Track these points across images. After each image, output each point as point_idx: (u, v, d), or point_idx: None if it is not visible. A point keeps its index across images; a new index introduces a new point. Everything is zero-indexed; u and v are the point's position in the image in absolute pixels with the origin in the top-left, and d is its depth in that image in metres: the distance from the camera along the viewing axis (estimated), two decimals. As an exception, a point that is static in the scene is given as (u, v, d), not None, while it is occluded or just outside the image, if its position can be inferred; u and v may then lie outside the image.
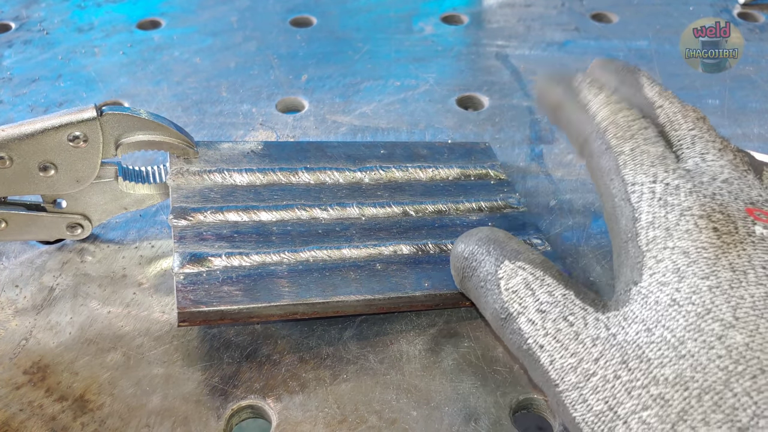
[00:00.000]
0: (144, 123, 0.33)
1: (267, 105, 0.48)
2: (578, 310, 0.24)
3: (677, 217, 0.24)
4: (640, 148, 0.26)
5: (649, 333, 0.22)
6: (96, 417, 0.29)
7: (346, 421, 0.29)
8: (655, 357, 0.21)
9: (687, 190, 0.25)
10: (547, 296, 0.24)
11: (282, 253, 0.32)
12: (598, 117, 0.28)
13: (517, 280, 0.25)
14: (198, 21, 0.57)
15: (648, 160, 0.26)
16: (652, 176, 0.25)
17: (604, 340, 0.23)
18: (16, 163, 0.31)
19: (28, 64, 0.51)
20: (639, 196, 0.25)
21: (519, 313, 0.25)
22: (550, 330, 0.24)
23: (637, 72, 0.31)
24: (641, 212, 0.25)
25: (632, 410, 0.21)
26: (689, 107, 0.29)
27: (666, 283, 0.23)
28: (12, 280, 0.35)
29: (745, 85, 0.50)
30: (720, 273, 0.22)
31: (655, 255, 0.23)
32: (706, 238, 0.23)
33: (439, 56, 0.54)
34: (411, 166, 0.38)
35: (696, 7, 0.60)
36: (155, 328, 0.32)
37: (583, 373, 0.22)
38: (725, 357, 0.20)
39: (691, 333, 0.21)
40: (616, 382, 0.22)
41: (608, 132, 0.27)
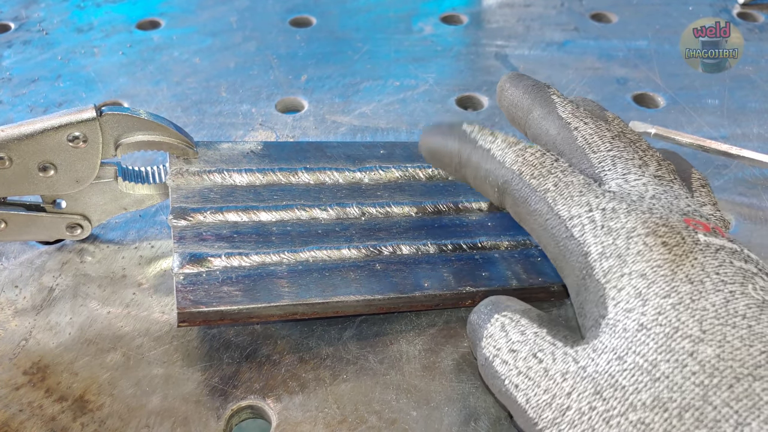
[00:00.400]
0: (144, 123, 0.33)
1: (266, 105, 0.48)
2: (547, 345, 0.24)
3: (625, 241, 0.24)
4: (562, 181, 0.26)
5: (620, 361, 0.22)
6: (96, 417, 0.29)
7: (346, 421, 0.29)
8: (630, 384, 0.21)
9: (625, 211, 0.25)
10: (519, 335, 0.25)
11: (282, 254, 0.32)
12: (507, 161, 0.27)
13: (495, 326, 0.26)
14: (197, 21, 0.57)
15: (576, 191, 0.25)
16: (586, 205, 0.25)
17: (573, 374, 0.23)
18: (15, 164, 0.31)
19: (28, 65, 0.51)
20: (581, 229, 0.25)
21: (494, 355, 0.25)
22: (521, 368, 0.24)
23: (547, 90, 0.30)
24: (589, 245, 0.24)
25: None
26: (604, 126, 0.29)
27: (631, 309, 0.23)
28: (12, 281, 0.35)
29: (744, 85, 0.50)
30: (679, 288, 0.22)
31: (615, 284, 0.23)
32: (658, 256, 0.23)
33: (439, 56, 0.54)
34: (411, 166, 0.38)
35: (696, 7, 0.60)
36: (155, 328, 0.32)
37: (558, 408, 0.22)
38: (699, 372, 0.20)
39: (663, 354, 0.21)
40: (592, 413, 0.22)
41: (524, 174, 0.26)
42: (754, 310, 0.22)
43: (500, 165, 0.27)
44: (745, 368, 0.20)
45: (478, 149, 0.28)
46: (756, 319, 0.21)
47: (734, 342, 0.21)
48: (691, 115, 0.47)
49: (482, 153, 0.28)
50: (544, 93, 0.30)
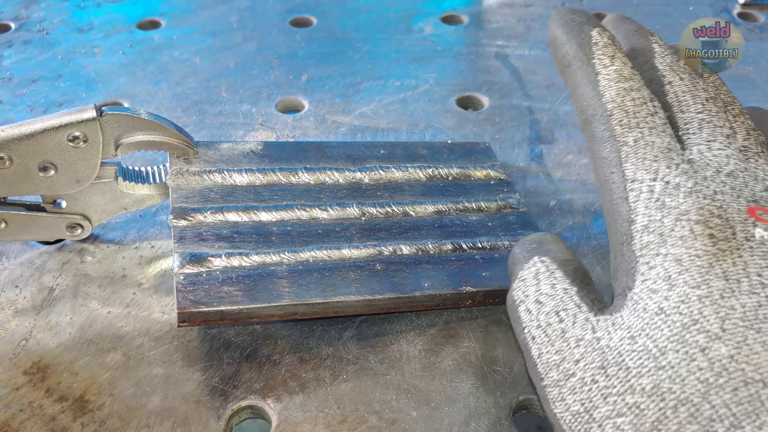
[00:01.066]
0: (144, 123, 0.33)
1: (267, 105, 0.48)
2: (572, 306, 0.24)
3: (673, 222, 0.23)
4: (644, 139, 0.25)
5: (632, 341, 0.22)
6: (96, 417, 0.29)
7: (346, 421, 0.29)
8: (634, 366, 0.21)
9: (687, 190, 0.24)
10: (549, 288, 0.24)
11: (282, 254, 0.32)
12: (606, 96, 0.26)
13: (530, 271, 0.25)
14: (198, 21, 0.57)
15: (651, 154, 0.25)
16: (653, 172, 0.24)
17: (587, 343, 0.22)
18: (15, 164, 0.31)
19: (28, 65, 0.51)
20: (637, 195, 0.24)
21: (521, 301, 0.25)
22: (542, 322, 0.24)
23: (650, 38, 0.29)
24: (637, 214, 0.24)
25: (607, 415, 0.21)
26: (700, 84, 0.27)
27: (656, 291, 0.22)
28: (12, 281, 0.35)
29: (745, 85, 0.50)
30: (712, 282, 0.22)
31: (648, 261, 0.23)
32: (701, 245, 0.22)
33: (439, 56, 0.54)
34: (411, 166, 0.38)
35: (696, 7, 0.60)
36: (155, 328, 0.32)
37: (564, 372, 0.22)
38: (706, 369, 0.20)
39: (674, 344, 0.21)
40: (593, 386, 0.22)
41: (613, 117, 0.26)
42: None
43: (598, 96, 0.26)
44: (758, 374, 0.20)
45: (589, 67, 0.27)
46: None
47: (754, 346, 0.20)
48: (691, 115, 0.47)
49: (590, 73, 0.27)
50: (646, 40, 0.29)
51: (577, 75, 0.28)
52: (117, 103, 0.48)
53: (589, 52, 0.27)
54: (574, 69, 0.28)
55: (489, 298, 0.32)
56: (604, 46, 0.28)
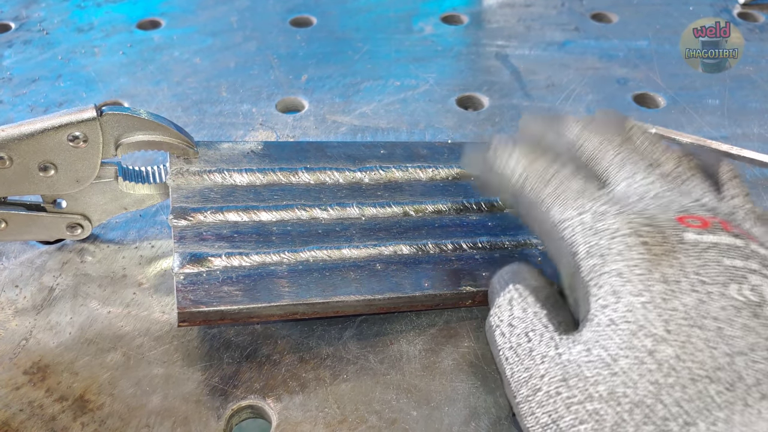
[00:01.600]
0: (144, 123, 0.33)
1: (267, 105, 0.48)
2: (540, 327, 0.25)
3: (608, 242, 0.25)
4: (560, 187, 0.27)
5: (587, 353, 0.23)
6: (96, 417, 0.29)
7: (346, 421, 0.29)
8: (591, 375, 0.22)
9: (615, 212, 0.26)
10: (521, 312, 0.26)
11: (282, 253, 0.32)
12: (516, 174, 0.29)
13: (505, 298, 0.27)
14: (198, 21, 0.57)
15: (571, 196, 0.27)
16: (578, 208, 0.26)
17: (550, 359, 0.24)
18: (16, 163, 0.31)
19: (28, 64, 0.51)
20: (572, 231, 0.26)
21: (496, 326, 0.26)
22: (513, 343, 0.25)
23: (561, 118, 0.32)
24: (577, 245, 0.25)
25: (571, 424, 0.22)
26: (611, 137, 0.30)
27: (606, 306, 0.23)
28: (12, 280, 0.35)
29: (745, 85, 0.50)
30: (653, 287, 0.23)
31: (596, 282, 0.24)
32: (636, 255, 0.24)
33: (439, 56, 0.54)
34: (411, 166, 0.38)
35: (696, 7, 0.60)
36: (155, 328, 0.32)
37: (532, 387, 0.24)
38: (655, 371, 0.21)
39: (624, 350, 0.22)
40: (557, 398, 0.23)
41: (526, 186, 0.28)
42: (730, 312, 0.22)
43: (509, 179, 0.29)
44: (704, 370, 0.21)
45: (493, 171, 0.30)
46: (729, 321, 0.22)
47: (698, 343, 0.21)
48: (691, 115, 0.47)
49: (495, 172, 0.30)
50: (558, 121, 0.32)
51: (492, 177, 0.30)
52: (117, 103, 0.48)
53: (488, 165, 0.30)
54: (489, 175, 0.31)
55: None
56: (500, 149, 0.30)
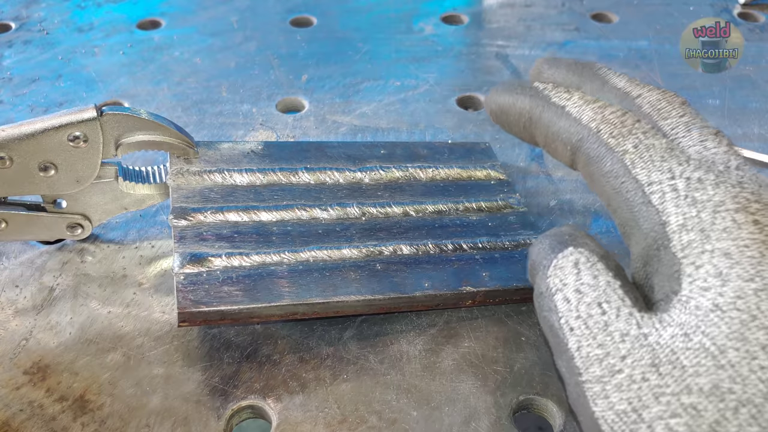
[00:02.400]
0: (144, 123, 0.33)
1: (267, 105, 0.48)
2: (615, 299, 0.22)
3: (711, 215, 0.22)
4: (643, 143, 0.24)
5: (686, 338, 0.20)
6: (96, 417, 0.29)
7: (346, 421, 0.29)
8: (691, 365, 0.20)
9: (712, 182, 0.23)
10: (590, 278, 0.23)
11: (282, 254, 0.32)
12: (584, 118, 0.25)
13: (569, 260, 0.23)
14: (198, 21, 0.57)
15: (657, 155, 0.24)
16: (668, 172, 0.23)
17: (633, 338, 0.21)
18: (16, 163, 0.31)
19: (28, 64, 0.51)
20: (661, 197, 0.23)
21: (558, 289, 0.23)
22: (582, 313, 0.22)
23: (592, 65, 0.28)
24: (669, 214, 0.22)
25: (659, 416, 0.20)
26: (669, 93, 0.27)
27: (708, 288, 0.21)
28: (12, 280, 0.35)
29: (745, 85, 0.50)
30: (766, 273, 0.20)
31: (694, 261, 0.22)
32: (747, 235, 0.21)
33: (439, 56, 0.54)
34: (411, 166, 0.38)
35: (696, 7, 0.60)
36: (155, 328, 0.32)
37: (608, 367, 0.21)
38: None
39: (734, 342, 0.20)
40: (643, 384, 0.20)
41: (602, 132, 0.25)
42: None
43: (575, 122, 0.25)
44: None
45: (551, 106, 0.26)
46: None
47: None
48: (691, 115, 0.47)
49: (556, 110, 0.26)
50: (589, 68, 0.28)
51: (543, 118, 0.27)
52: (117, 103, 0.48)
53: (545, 96, 0.27)
54: (536, 117, 0.27)
55: (489, 298, 0.32)
56: (554, 88, 0.27)
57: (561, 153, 0.26)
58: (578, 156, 0.26)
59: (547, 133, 0.27)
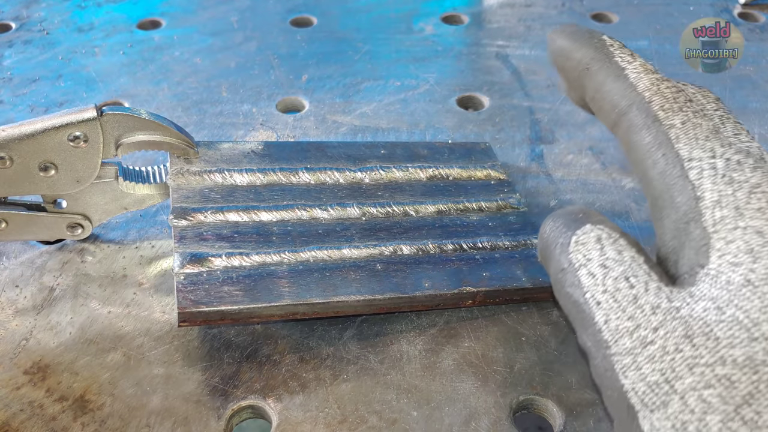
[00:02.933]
0: (144, 123, 0.33)
1: (267, 105, 0.48)
2: (642, 273, 0.22)
3: (746, 195, 0.22)
4: (691, 121, 0.24)
5: (719, 311, 0.20)
6: (96, 417, 0.29)
7: (346, 421, 0.29)
8: (725, 336, 0.20)
9: (751, 166, 0.23)
10: (615, 253, 0.23)
11: (282, 254, 0.32)
12: (640, 86, 0.26)
13: (590, 236, 0.24)
14: (198, 21, 0.57)
15: (702, 134, 0.24)
16: (709, 151, 0.23)
17: (665, 311, 0.21)
18: (16, 163, 0.31)
19: (29, 64, 0.51)
20: (699, 173, 0.23)
21: (582, 264, 0.23)
22: (609, 287, 0.22)
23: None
24: (704, 190, 0.23)
25: (692, 387, 0.20)
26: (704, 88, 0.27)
27: (739, 264, 0.21)
28: (12, 280, 0.35)
29: (745, 85, 0.50)
30: None
31: (725, 236, 0.22)
32: None
33: (439, 56, 0.54)
34: (411, 166, 0.38)
35: (696, 7, 0.60)
36: (155, 328, 0.32)
37: (640, 339, 0.21)
38: None
39: (767, 315, 0.20)
40: (676, 355, 0.20)
41: (654, 103, 0.25)
42: None
43: (631, 87, 0.26)
44: None
45: (612, 64, 0.27)
46: None
47: None
48: (691, 115, 0.47)
49: (615, 69, 0.26)
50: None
51: (600, 74, 0.27)
52: (117, 103, 0.48)
53: (609, 52, 0.27)
54: (594, 70, 0.27)
55: (489, 298, 0.32)
56: (620, 47, 0.27)
57: (606, 113, 0.27)
58: (623, 121, 0.26)
59: (600, 90, 0.27)
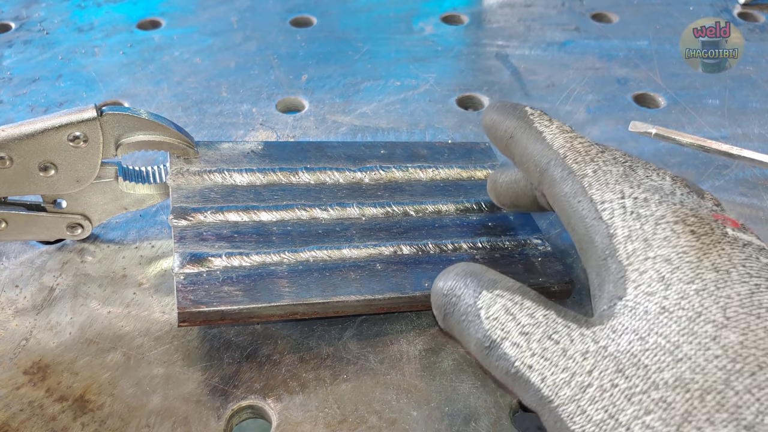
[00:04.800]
0: (144, 123, 0.33)
1: (267, 105, 0.48)
2: (561, 327, 0.24)
3: (653, 227, 0.24)
4: (602, 169, 0.27)
5: (642, 341, 0.22)
6: (96, 417, 0.29)
7: (346, 421, 0.29)
8: (652, 363, 0.21)
9: (657, 201, 0.25)
10: (528, 318, 0.24)
11: (282, 254, 0.32)
12: (556, 145, 0.28)
13: (497, 308, 0.25)
14: (198, 21, 0.57)
15: (612, 179, 0.26)
16: (619, 192, 0.26)
17: (594, 353, 0.23)
18: (16, 163, 0.31)
19: (28, 64, 0.51)
20: (611, 213, 0.25)
21: (502, 338, 0.24)
22: (536, 350, 0.24)
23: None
24: (616, 227, 0.25)
25: (634, 416, 0.21)
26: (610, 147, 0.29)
27: (653, 293, 0.23)
28: (12, 280, 0.35)
29: (745, 85, 0.50)
30: (704, 275, 0.22)
31: (637, 267, 0.24)
32: (685, 242, 0.23)
33: (439, 56, 0.54)
34: (411, 166, 0.38)
35: (696, 7, 0.60)
36: (155, 328, 0.32)
37: (578, 385, 0.22)
38: (722, 356, 0.21)
39: (685, 336, 0.21)
40: (614, 390, 0.22)
41: (568, 158, 0.27)
42: None
43: (548, 147, 0.28)
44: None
45: (532, 130, 0.29)
46: None
47: (758, 331, 0.21)
48: (691, 115, 0.47)
49: (535, 134, 0.29)
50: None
51: (522, 140, 0.30)
52: (117, 103, 0.48)
53: (529, 120, 0.30)
54: (517, 137, 0.30)
55: (489, 298, 0.32)
56: (540, 115, 0.30)
57: (531, 173, 0.29)
58: (544, 177, 0.28)
59: (523, 153, 0.29)
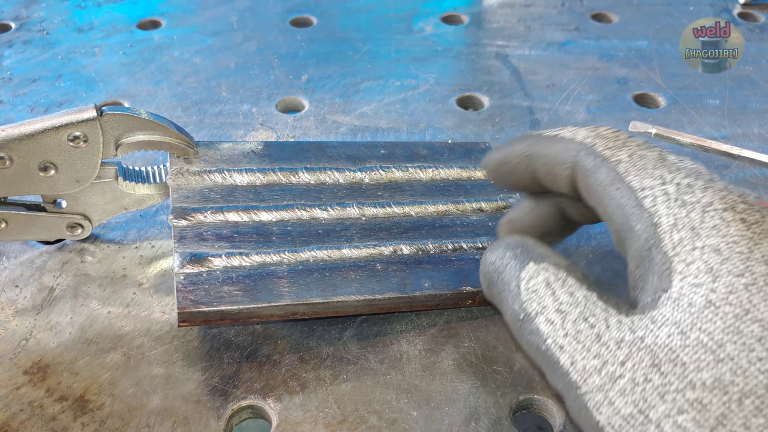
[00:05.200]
0: (144, 123, 0.33)
1: (267, 105, 0.48)
2: (599, 311, 0.23)
3: (700, 215, 0.23)
4: (636, 153, 0.25)
5: (683, 336, 0.21)
6: (96, 417, 0.29)
7: (346, 421, 0.29)
8: (691, 361, 0.20)
9: (701, 187, 0.24)
10: (568, 296, 0.23)
11: (282, 254, 0.32)
12: (579, 137, 0.27)
13: (538, 280, 0.24)
14: (198, 21, 0.57)
15: (650, 164, 0.25)
16: (659, 178, 0.24)
17: (630, 343, 0.22)
18: (16, 163, 0.31)
19: (28, 64, 0.51)
20: (653, 200, 0.24)
21: (538, 313, 0.24)
22: (570, 331, 0.23)
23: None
24: (660, 216, 0.23)
25: (666, 414, 0.20)
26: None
27: (699, 284, 0.21)
28: (12, 280, 0.35)
29: (745, 85, 0.50)
30: (755, 268, 0.21)
31: (684, 258, 0.22)
32: (735, 231, 0.22)
33: (439, 56, 0.54)
34: (411, 166, 0.38)
35: (696, 7, 0.60)
36: (155, 328, 0.32)
37: (609, 375, 0.21)
38: (766, 359, 0.20)
39: (730, 335, 0.20)
40: (646, 385, 0.21)
41: (597, 145, 0.26)
42: None
43: (571, 141, 0.27)
44: None
45: (545, 138, 0.28)
46: None
47: None
48: (691, 115, 0.47)
49: (551, 138, 0.28)
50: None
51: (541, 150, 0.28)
52: (117, 103, 0.48)
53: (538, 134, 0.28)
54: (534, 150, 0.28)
55: (489, 298, 0.32)
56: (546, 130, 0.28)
57: (559, 175, 0.27)
58: (576, 171, 0.26)
59: (547, 160, 0.28)
